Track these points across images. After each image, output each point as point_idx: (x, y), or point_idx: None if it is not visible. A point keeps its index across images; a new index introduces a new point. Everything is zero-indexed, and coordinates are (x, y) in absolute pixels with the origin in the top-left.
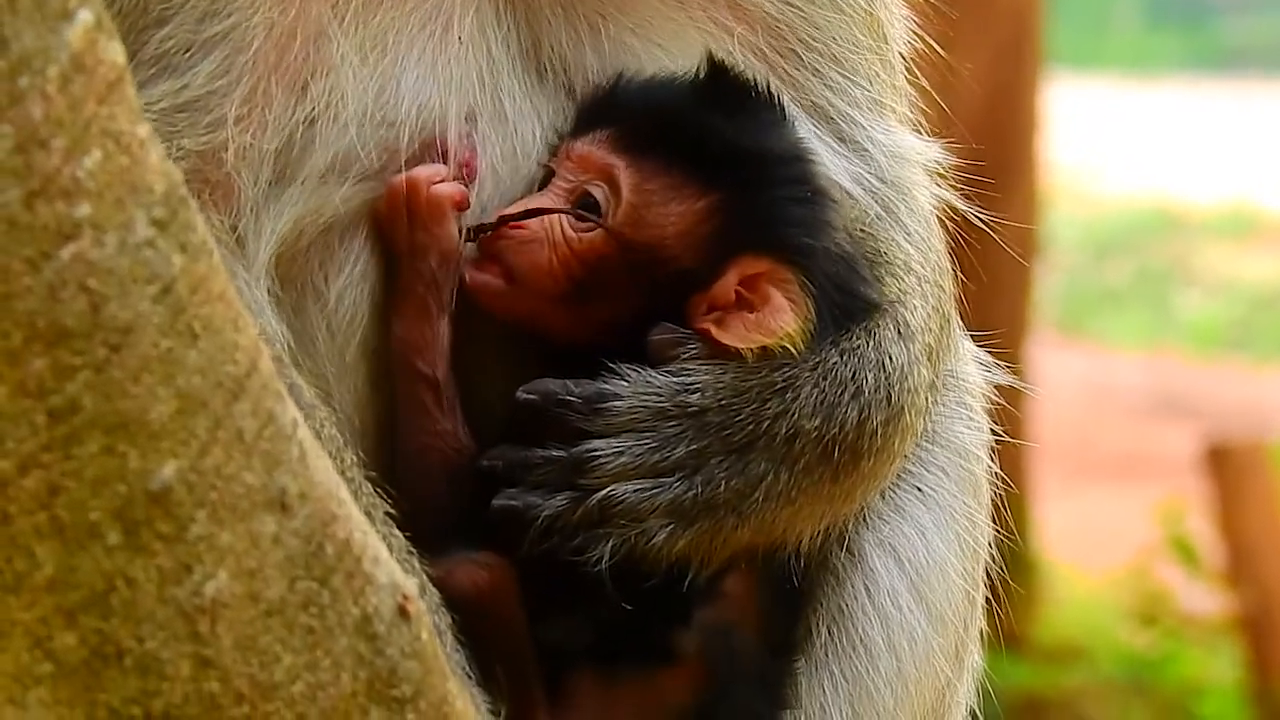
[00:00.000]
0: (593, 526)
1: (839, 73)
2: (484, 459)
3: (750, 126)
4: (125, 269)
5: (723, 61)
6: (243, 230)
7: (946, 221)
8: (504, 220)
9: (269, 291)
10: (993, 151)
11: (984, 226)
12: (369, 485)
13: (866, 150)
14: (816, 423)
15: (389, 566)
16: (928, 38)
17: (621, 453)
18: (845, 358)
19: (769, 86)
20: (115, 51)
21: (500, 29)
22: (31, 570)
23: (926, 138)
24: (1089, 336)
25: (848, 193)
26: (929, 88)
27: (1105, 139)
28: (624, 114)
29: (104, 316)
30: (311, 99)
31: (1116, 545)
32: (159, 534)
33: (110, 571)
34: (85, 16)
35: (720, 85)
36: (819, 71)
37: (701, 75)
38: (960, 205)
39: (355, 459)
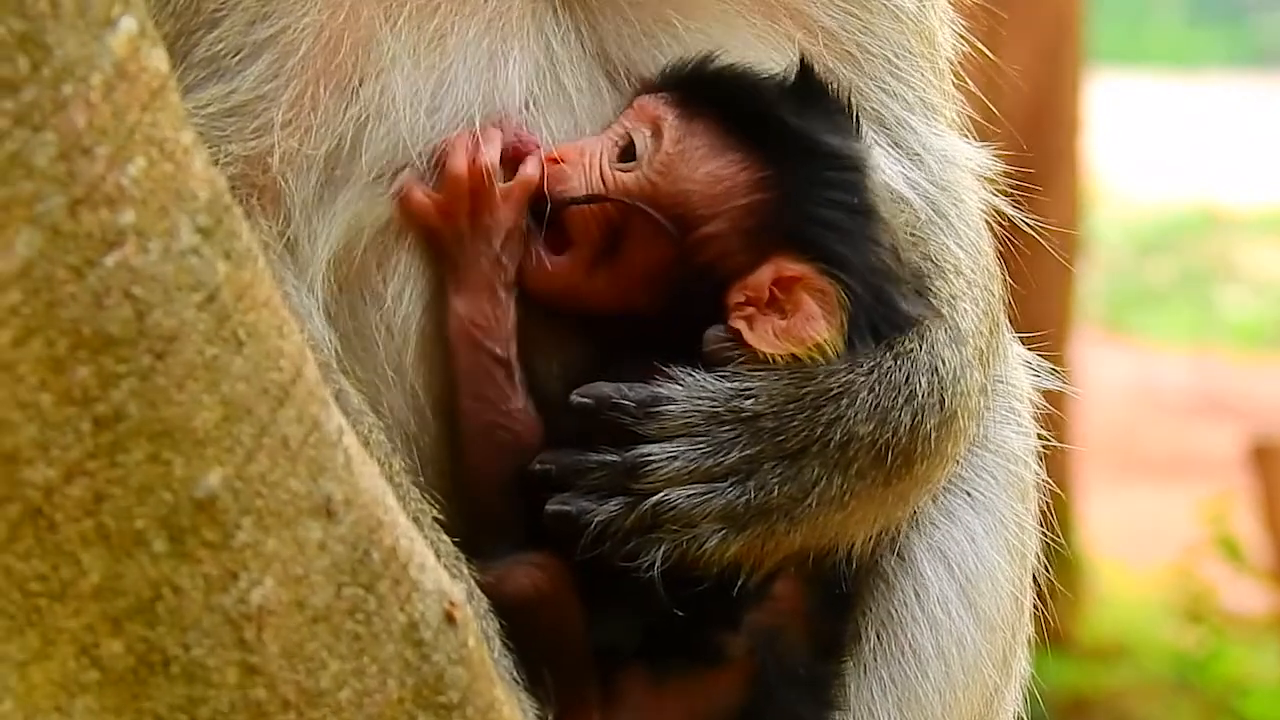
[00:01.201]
0: (645, 531)
1: (894, 79)
2: (537, 462)
3: (818, 123)
4: (170, 276)
5: (812, 65)
6: (293, 235)
7: (998, 220)
8: (563, 203)
9: (319, 296)
10: (1035, 151)
11: (1027, 227)
12: (417, 491)
13: (920, 155)
14: (870, 427)
15: (435, 572)
16: (973, 40)
17: (675, 457)
18: (899, 362)
19: (850, 101)
20: (158, 58)
21: (559, 28)
22: (78, 578)
23: (975, 142)
24: (1133, 335)
25: (901, 196)
26: (974, 89)
27: (1147, 136)
28: (693, 79)
29: (149, 324)
30: (362, 102)
31: (1161, 543)
32: (205, 541)
33: (156, 579)
34: (128, 24)
35: (802, 83)
36: (874, 77)
37: (790, 72)
38: (1005, 208)
39: (403, 465)
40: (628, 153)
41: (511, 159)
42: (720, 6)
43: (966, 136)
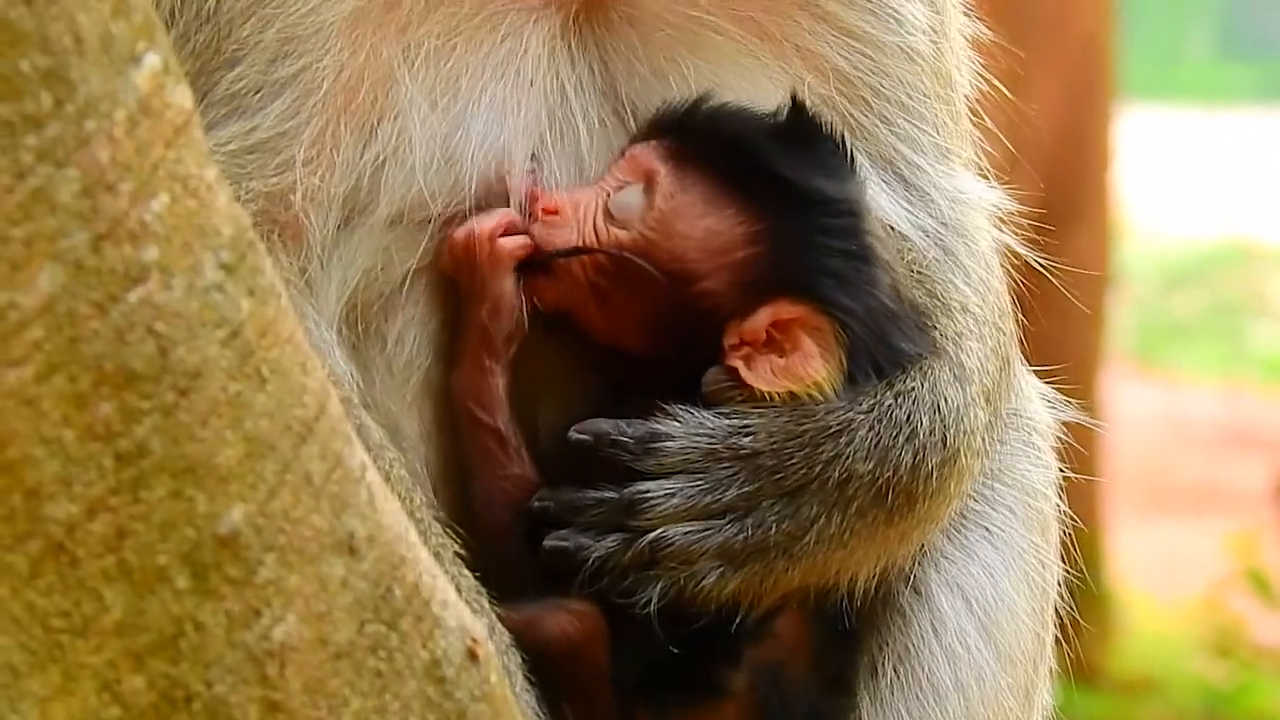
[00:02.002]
0: (643, 568)
1: (906, 121)
2: (534, 499)
3: (811, 168)
4: (193, 312)
5: (804, 102)
6: (312, 273)
7: (1017, 257)
8: (552, 256)
9: (339, 332)
10: (1065, 184)
11: (1055, 261)
12: (438, 526)
13: (930, 196)
14: (870, 466)
15: (457, 609)
16: (997, 78)
17: (673, 494)
18: (900, 400)
19: (843, 137)
20: (182, 95)
21: (574, 70)
22: (100, 614)
23: (991, 181)
24: (1162, 368)
25: (908, 236)
26: (1000, 125)
27: (1177, 170)
28: (684, 126)
29: (172, 360)
30: (379, 142)
31: (1190, 576)
32: (227, 578)
33: (179, 615)
34: (152, 60)
35: (794, 122)
36: (886, 119)
37: (781, 112)
38: (1027, 247)
39: (424, 500)
40: (620, 206)
41: (525, 205)
42: (731, 46)
43: (983, 175)
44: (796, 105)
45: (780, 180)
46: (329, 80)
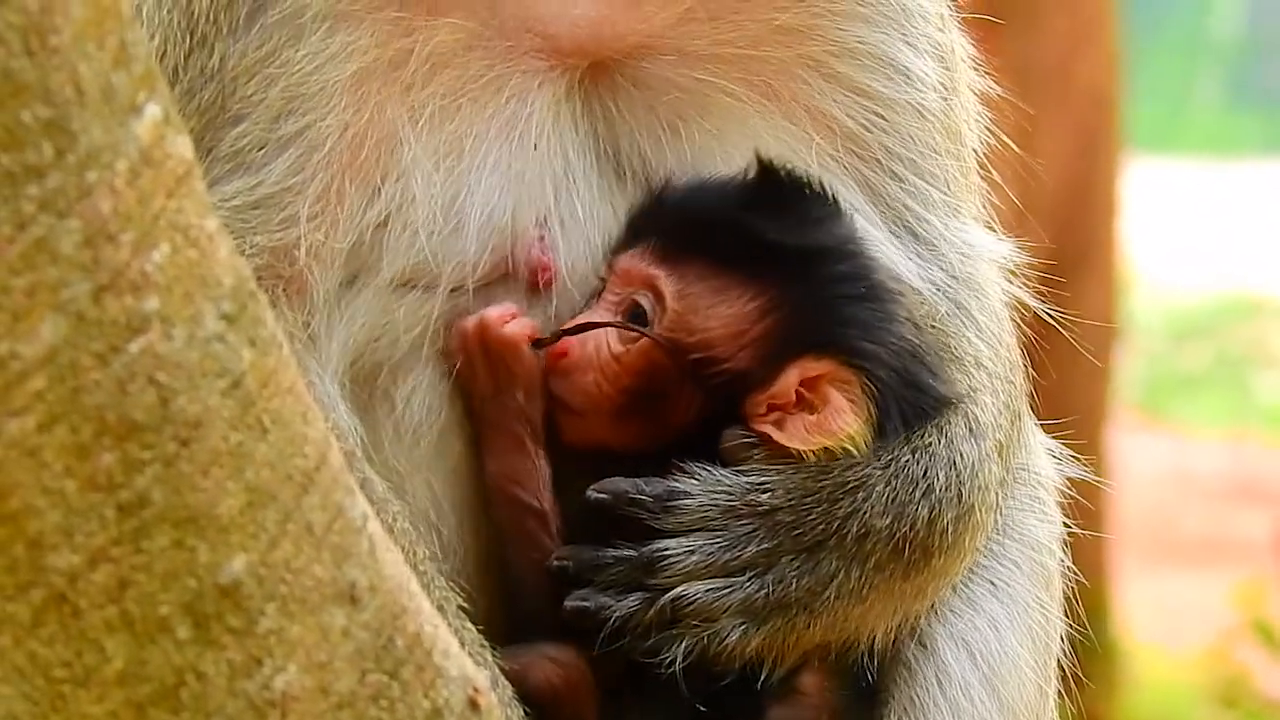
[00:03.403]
0: (665, 627)
1: (916, 177)
2: (554, 558)
3: (799, 224)
4: (194, 363)
5: (770, 160)
6: (317, 328)
7: (1025, 309)
8: (560, 334)
9: (342, 387)
10: (1072, 236)
11: (1062, 313)
12: (442, 579)
13: (940, 250)
14: (888, 521)
15: (459, 659)
16: (1004, 131)
17: (693, 552)
18: (917, 455)
19: (819, 180)
20: (183, 145)
21: (578, 134)
22: (101, 664)
23: (1001, 235)
24: (1169, 421)
25: (918, 291)
26: (1007, 178)
27: (1185, 222)
28: (665, 222)
29: (173, 410)
30: (382, 202)
31: (1197, 628)
32: (229, 627)
33: (180, 665)
34: (154, 111)
35: (766, 184)
36: (897, 176)
37: (748, 175)
38: (1034, 299)
39: (428, 553)
40: (634, 319)
41: (531, 279)
42: (740, 108)
43: (993, 228)
44: (762, 165)
45: (772, 246)
46: (333, 138)
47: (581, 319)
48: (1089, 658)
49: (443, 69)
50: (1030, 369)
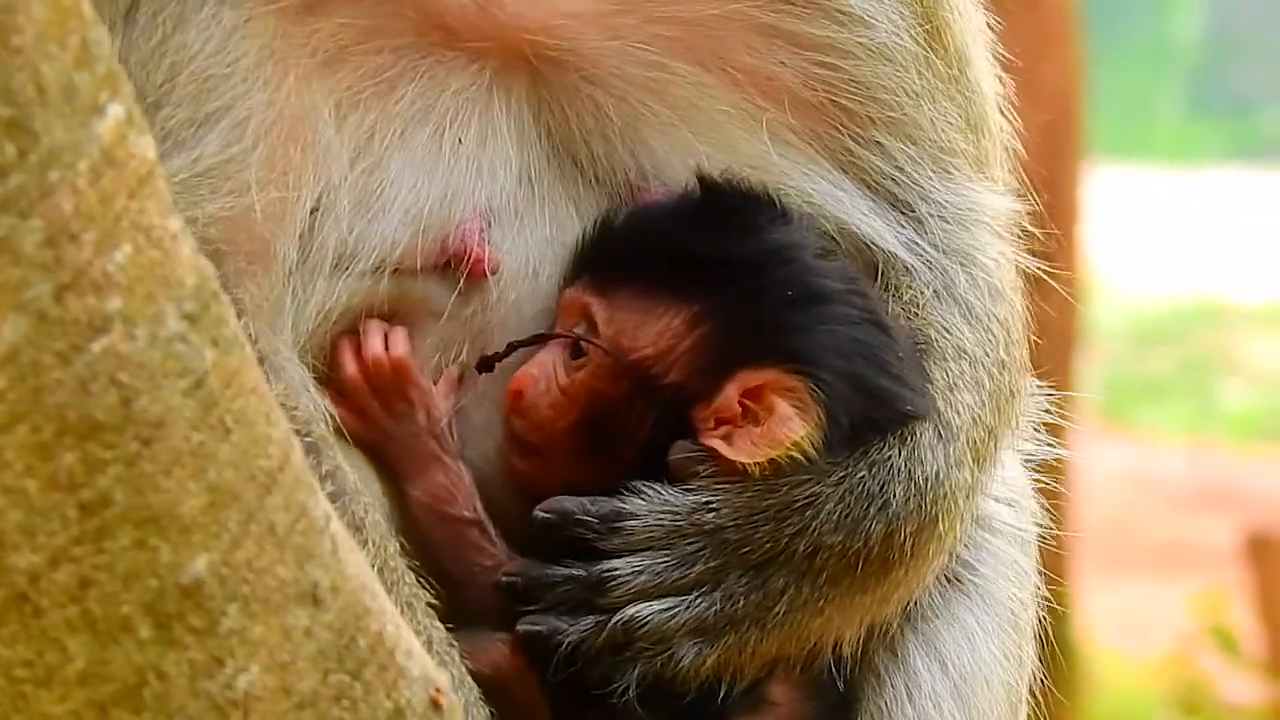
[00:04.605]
0: (619, 650)
1: (889, 131)
2: (503, 575)
3: (733, 235)
4: (156, 363)
5: (710, 176)
6: (281, 301)
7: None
8: (513, 347)
9: (309, 367)
10: (1034, 240)
11: (1025, 319)
12: (411, 576)
13: (923, 217)
14: (839, 538)
15: (421, 659)
16: None
17: (641, 571)
18: (874, 470)
19: (764, 189)
20: (145, 145)
21: (523, 127)
22: (63, 664)
23: (998, 187)
24: (1131, 426)
25: (908, 269)
26: None
27: (1147, 229)
28: (599, 251)
29: (135, 410)
30: (310, 182)
31: (1157, 634)
32: (191, 627)
33: (142, 665)
34: (116, 110)
35: (705, 199)
36: (865, 135)
37: (689, 192)
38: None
39: (397, 549)
40: (575, 351)
41: (462, 263)
42: (685, 87)
43: (993, 176)
44: (702, 179)
45: (698, 259)
46: (260, 112)
47: (533, 370)
48: (1050, 663)
49: (357, 53)
50: None
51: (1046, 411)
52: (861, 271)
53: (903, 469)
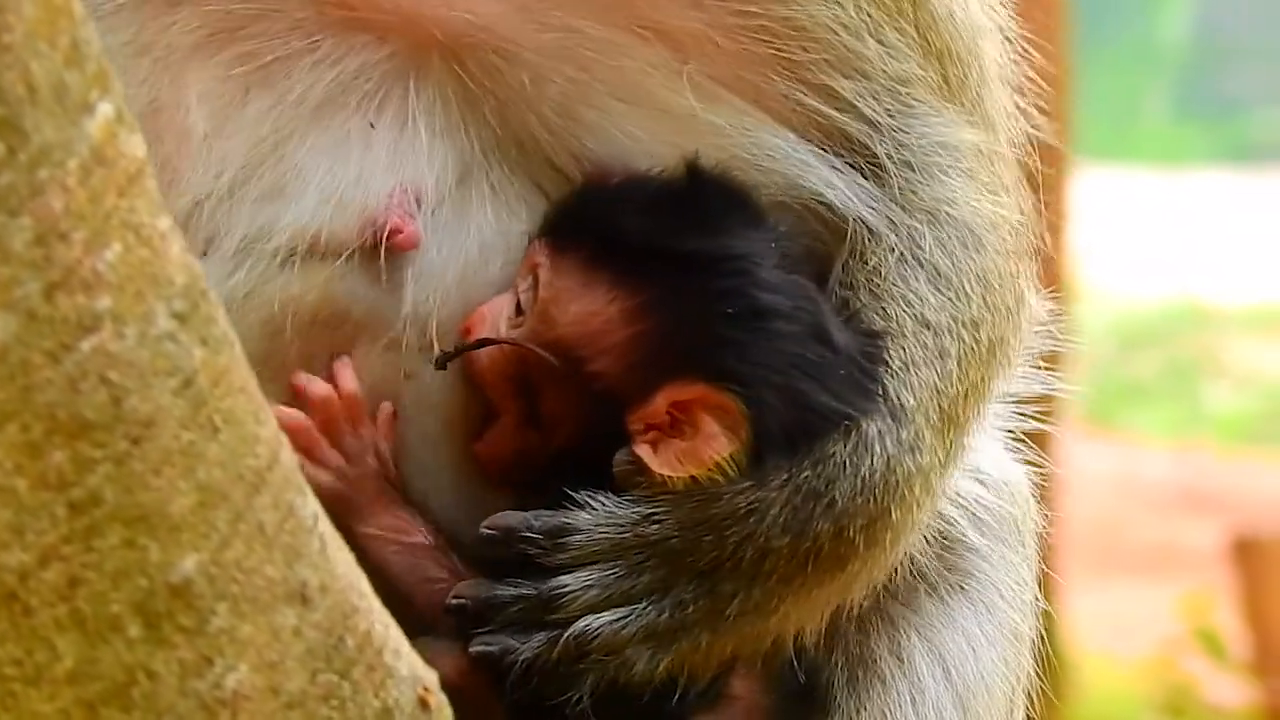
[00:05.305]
0: (573, 662)
1: (831, 70)
2: (451, 596)
3: (692, 229)
4: (146, 361)
5: (696, 164)
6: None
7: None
8: (451, 353)
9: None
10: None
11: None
12: None
13: (882, 158)
14: (787, 540)
15: (410, 658)
16: None
17: (591, 585)
18: (819, 469)
19: (742, 186)
20: (135, 144)
21: (430, 102)
22: (52, 662)
23: (972, 115)
24: (1117, 429)
25: (873, 232)
26: None
27: (1134, 231)
28: (565, 212)
29: (125, 409)
30: (211, 171)
31: (1143, 637)
32: (180, 627)
33: (131, 664)
34: (106, 109)
35: (682, 187)
36: (802, 77)
37: (673, 175)
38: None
39: None
40: (519, 310)
41: (387, 254)
42: (605, 54)
43: (966, 102)
44: (689, 166)
45: (650, 250)
46: (141, 105)
47: (489, 306)
48: (1036, 665)
49: (235, 40)
50: None
51: (1029, 419)
52: (826, 252)
53: (848, 464)
